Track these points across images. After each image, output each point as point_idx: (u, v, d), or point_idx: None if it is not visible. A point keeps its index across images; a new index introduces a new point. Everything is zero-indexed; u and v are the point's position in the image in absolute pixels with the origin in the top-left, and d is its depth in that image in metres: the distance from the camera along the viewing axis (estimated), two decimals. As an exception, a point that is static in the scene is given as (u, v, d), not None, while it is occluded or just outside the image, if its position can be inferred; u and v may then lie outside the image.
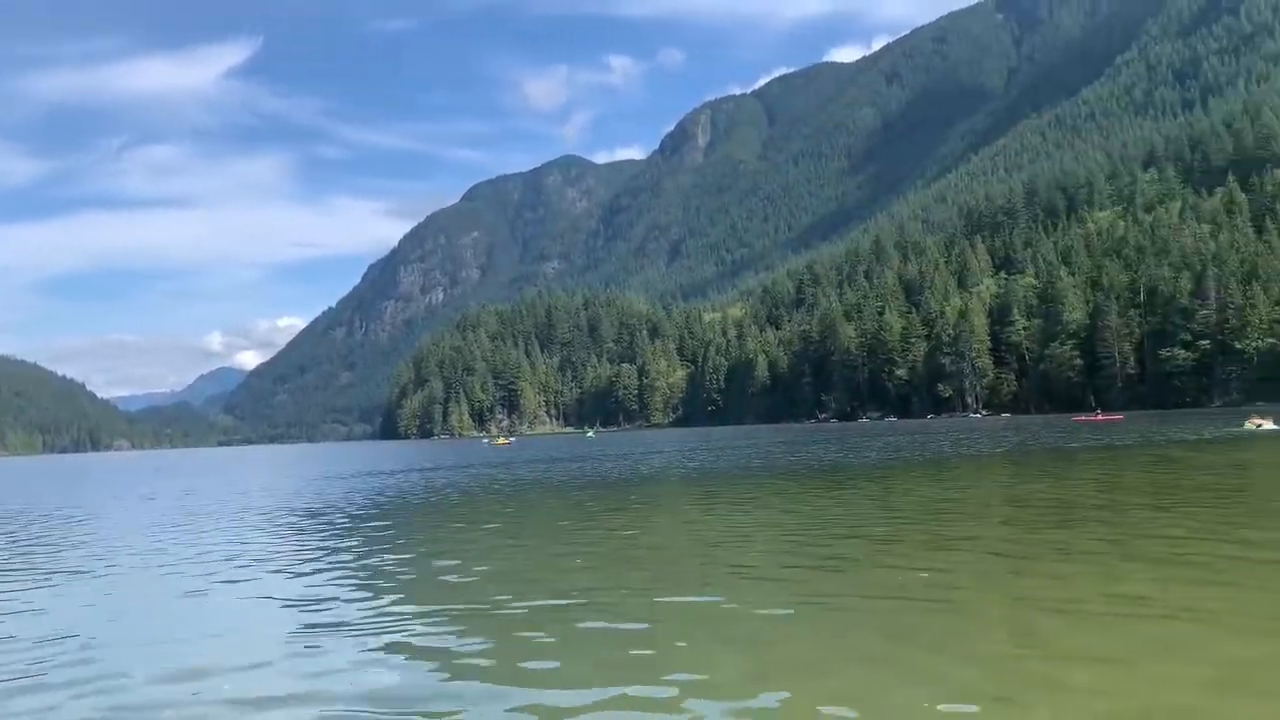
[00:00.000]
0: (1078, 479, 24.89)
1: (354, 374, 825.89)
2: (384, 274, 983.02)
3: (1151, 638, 7.68)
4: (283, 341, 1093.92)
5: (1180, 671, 6.81)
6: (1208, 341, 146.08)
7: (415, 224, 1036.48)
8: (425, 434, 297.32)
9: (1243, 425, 54.70)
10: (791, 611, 9.28)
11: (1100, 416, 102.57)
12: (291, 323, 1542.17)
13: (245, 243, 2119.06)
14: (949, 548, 13.16)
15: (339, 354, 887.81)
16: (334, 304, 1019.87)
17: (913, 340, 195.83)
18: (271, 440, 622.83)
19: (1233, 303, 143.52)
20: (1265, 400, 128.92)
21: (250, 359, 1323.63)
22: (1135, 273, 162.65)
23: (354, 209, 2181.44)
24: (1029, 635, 7.95)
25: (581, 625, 9.03)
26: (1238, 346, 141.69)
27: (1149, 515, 15.69)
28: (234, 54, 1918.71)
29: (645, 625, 8.91)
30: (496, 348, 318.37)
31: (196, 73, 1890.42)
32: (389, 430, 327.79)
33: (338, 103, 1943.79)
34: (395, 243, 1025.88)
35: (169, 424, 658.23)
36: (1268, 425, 52.68)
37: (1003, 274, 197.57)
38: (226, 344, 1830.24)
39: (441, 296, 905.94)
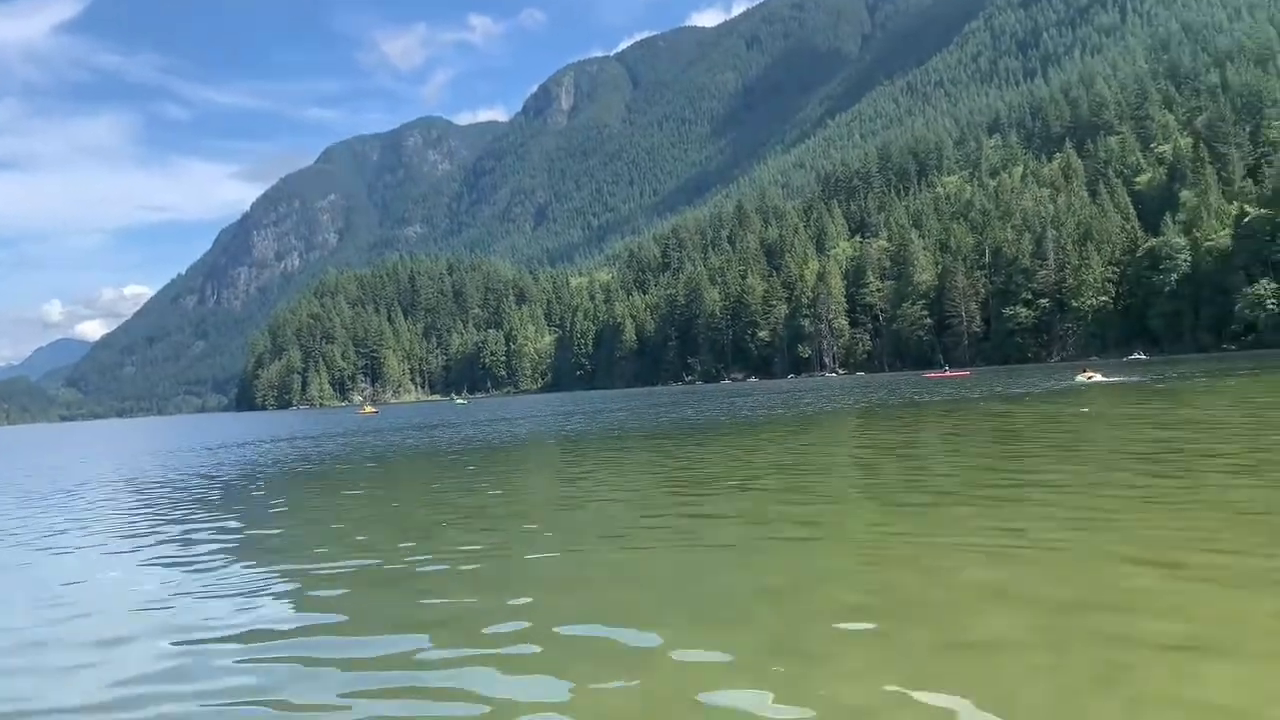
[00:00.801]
0: (928, 429, 26.21)
1: (207, 344, 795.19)
2: (236, 239, 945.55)
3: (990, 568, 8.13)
4: (129, 311, 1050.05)
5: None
6: (1047, 300, 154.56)
7: (268, 187, 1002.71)
8: (284, 405, 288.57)
9: (1074, 379, 58.17)
10: (657, 553, 9.45)
11: (949, 373, 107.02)
12: (139, 291, 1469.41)
13: (86, 208, 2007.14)
14: (810, 490, 13.69)
15: (190, 323, 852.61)
16: (184, 271, 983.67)
17: (774, 303, 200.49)
18: (120, 414, 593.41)
19: (1069, 263, 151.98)
20: (1098, 355, 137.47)
21: (94, 329, 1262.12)
22: (981, 235, 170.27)
23: (202, 171, 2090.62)
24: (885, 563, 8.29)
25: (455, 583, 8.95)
26: (1074, 304, 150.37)
27: (989, 461, 16.65)
28: (65, 6, 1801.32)
29: (506, 583, 8.92)
30: (357, 315, 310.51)
31: (24, 26, 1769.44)
32: (245, 402, 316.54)
33: (180, 59, 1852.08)
34: (247, 207, 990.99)
35: (4, 399, 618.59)
36: (1096, 378, 56.22)
37: (858, 237, 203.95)
38: (68, 314, 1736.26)
39: (298, 262, 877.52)
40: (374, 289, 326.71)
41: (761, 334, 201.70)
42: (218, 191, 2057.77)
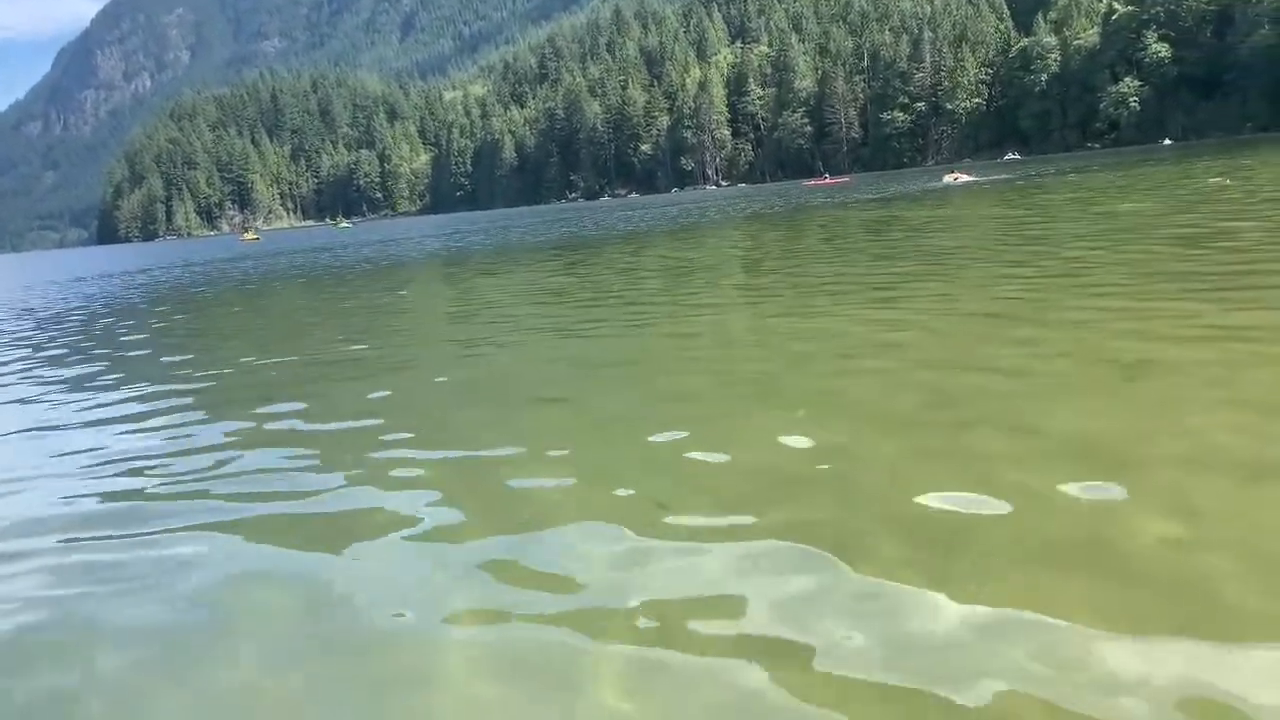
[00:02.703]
0: (807, 233, 27.01)
1: (58, 174, 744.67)
2: (78, 59, 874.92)
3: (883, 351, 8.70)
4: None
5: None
6: (923, 104, 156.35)
7: (108, 1, 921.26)
8: (149, 236, 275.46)
9: (942, 180, 60.08)
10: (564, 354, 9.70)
11: (829, 180, 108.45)
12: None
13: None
14: (694, 288, 14.14)
15: (37, 152, 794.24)
16: (22, 95, 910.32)
17: (656, 114, 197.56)
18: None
19: (945, 65, 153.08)
20: (972, 157, 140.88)
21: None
22: (860, 38, 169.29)
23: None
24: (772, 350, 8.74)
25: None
26: (949, 107, 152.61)
27: (862, 258, 17.40)
28: None
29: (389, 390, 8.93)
30: (219, 138, 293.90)
31: None
32: (107, 235, 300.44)
33: None
34: (87, 23, 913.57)
35: None
36: (962, 179, 58.19)
37: (739, 43, 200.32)
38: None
39: (149, 83, 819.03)
40: (234, 110, 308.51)
41: (644, 147, 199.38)
42: (52, 6, 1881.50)
